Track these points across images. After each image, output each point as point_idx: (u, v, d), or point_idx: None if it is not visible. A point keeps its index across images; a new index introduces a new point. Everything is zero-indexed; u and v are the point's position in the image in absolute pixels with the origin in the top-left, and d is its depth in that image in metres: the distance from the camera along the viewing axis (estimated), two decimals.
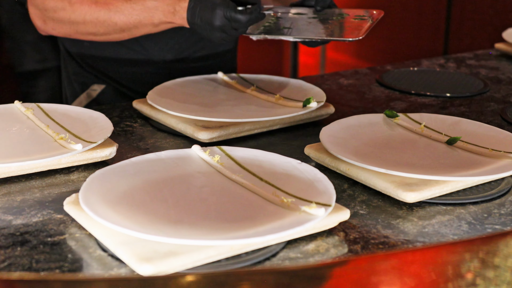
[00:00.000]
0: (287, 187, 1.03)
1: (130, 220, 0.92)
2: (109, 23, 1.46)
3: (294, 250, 0.94)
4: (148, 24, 1.45)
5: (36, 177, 1.14)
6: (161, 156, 1.12)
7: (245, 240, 0.87)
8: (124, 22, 1.45)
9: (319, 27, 1.45)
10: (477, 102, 1.59)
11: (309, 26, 1.45)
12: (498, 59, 1.97)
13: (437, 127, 1.29)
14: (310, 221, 0.92)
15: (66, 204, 0.99)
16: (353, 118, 1.32)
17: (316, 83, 1.59)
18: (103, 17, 1.45)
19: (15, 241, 0.94)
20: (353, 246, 0.95)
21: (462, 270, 0.65)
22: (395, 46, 3.77)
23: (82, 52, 1.68)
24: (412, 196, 1.04)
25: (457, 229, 1.00)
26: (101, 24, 1.46)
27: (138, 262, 0.85)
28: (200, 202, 1.00)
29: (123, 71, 1.67)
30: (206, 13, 1.35)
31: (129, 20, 1.44)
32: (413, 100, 1.60)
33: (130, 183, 1.03)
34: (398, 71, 1.82)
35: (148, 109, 1.39)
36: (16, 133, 1.23)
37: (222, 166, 1.09)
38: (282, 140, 1.33)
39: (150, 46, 1.64)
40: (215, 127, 1.29)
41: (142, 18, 1.44)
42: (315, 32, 1.43)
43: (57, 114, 1.31)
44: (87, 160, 1.17)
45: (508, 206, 1.08)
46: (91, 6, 1.45)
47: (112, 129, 1.22)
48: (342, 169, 1.14)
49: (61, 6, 1.47)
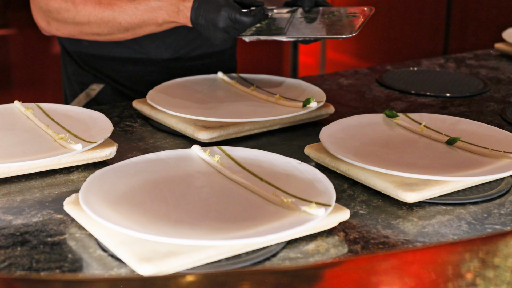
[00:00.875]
0: (287, 187, 1.03)
1: (130, 220, 0.92)
2: (113, 23, 1.46)
3: (294, 250, 0.94)
4: (152, 24, 1.45)
5: (36, 177, 1.14)
6: (161, 156, 1.12)
7: (245, 240, 0.87)
8: (128, 22, 1.45)
9: (311, 26, 1.45)
10: (477, 102, 1.59)
11: (301, 25, 1.45)
12: (498, 59, 1.97)
13: (437, 127, 1.29)
14: (310, 221, 0.92)
15: (66, 204, 0.99)
16: (353, 118, 1.32)
17: (316, 83, 1.59)
18: (108, 18, 1.45)
19: (15, 241, 0.94)
20: (353, 246, 0.95)
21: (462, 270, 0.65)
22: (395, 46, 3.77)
23: (81, 51, 1.68)
24: (412, 196, 1.04)
25: (457, 229, 1.00)
26: (105, 25, 1.46)
27: (138, 262, 0.85)
28: (200, 202, 1.00)
29: (121, 70, 1.67)
30: (210, 14, 1.35)
31: (133, 20, 1.45)
32: (413, 100, 1.60)
33: (130, 183, 1.03)
34: (398, 71, 1.82)
35: (148, 109, 1.39)
36: (16, 133, 1.23)
37: (222, 166, 1.09)
38: (282, 140, 1.33)
39: (147, 44, 1.64)
40: (215, 127, 1.29)
41: (146, 18, 1.44)
42: (307, 30, 1.43)
43: (57, 114, 1.31)
44: (87, 160, 1.17)
45: (508, 206, 1.08)
46: (95, 6, 1.46)
47: (112, 129, 1.22)
48: (342, 169, 1.14)
49: (65, 7, 1.47)
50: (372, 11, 1.47)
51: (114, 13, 1.45)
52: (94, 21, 1.46)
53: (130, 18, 1.45)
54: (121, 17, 1.45)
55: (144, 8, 1.44)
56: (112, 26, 1.46)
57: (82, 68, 1.70)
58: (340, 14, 1.49)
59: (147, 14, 1.44)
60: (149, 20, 1.44)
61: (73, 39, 1.65)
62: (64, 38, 1.69)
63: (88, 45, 1.66)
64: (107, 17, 1.45)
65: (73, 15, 1.47)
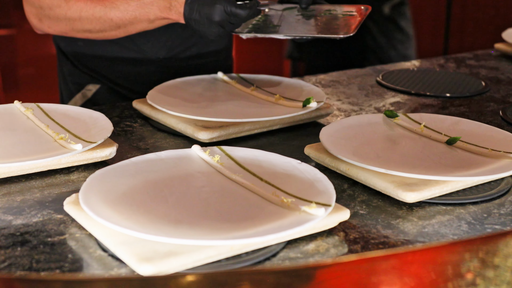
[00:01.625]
0: (287, 187, 1.03)
1: (130, 220, 0.92)
2: (104, 19, 1.46)
3: (294, 250, 0.94)
4: (144, 20, 1.44)
5: (36, 177, 1.14)
6: (161, 156, 1.12)
7: (245, 240, 0.87)
8: (119, 18, 1.45)
9: (308, 24, 1.45)
10: (477, 102, 1.59)
11: (298, 23, 1.45)
12: (498, 59, 1.97)
13: (437, 127, 1.29)
14: (310, 221, 0.92)
15: (66, 204, 0.99)
16: (353, 118, 1.32)
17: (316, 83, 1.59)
18: (99, 13, 1.45)
19: (15, 241, 0.94)
20: (353, 246, 0.95)
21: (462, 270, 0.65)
22: None
23: (76, 51, 1.68)
24: (412, 196, 1.04)
25: (457, 229, 1.00)
26: (96, 21, 1.46)
27: (138, 262, 0.85)
28: (200, 202, 1.00)
29: (117, 69, 1.67)
30: (205, 7, 1.34)
31: (124, 16, 1.44)
32: (413, 100, 1.60)
33: (130, 183, 1.03)
34: (398, 71, 1.82)
35: (148, 109, 1.39)
36: (16, 133, 1.23)
37: (222, 166, 1.10)
38: (282, 140, 1.33)
39: (142, 43, 1.64)
40: (215, 127, 1.29)
41: (138, 14, 1.44)
42: (304, 29, 1.43)
43: (57, 114, 1.31)
44: (87, 160, 1.17)
45: (508, 206, 1.08)
46: (87, 2, 1.46)
47: (112, 129, 1.22)
48: (342, 169, 1.14)
49: (56, 3, 1.47)
50: (368, 10, 1.47)
51: (105, 8, 1.45)
52: (86, 17, 1.46)
53: (122, 14, 1.45)
54: (113, 13, 1.45)
55: (136, 4, 1.43)
56: (104, 22, 1.46)
57: (77, 69, 1.70)
58: (337, 13, 1.49)
59: (138, 10, 1.43)
60: (140, 16, 1.44)
61: (68, 39, 1.65)
62: (59, 38, 1.69)
63: (83, 45, 1.66)
64: (99, 12, 1.45)
65: (64, 11, 1.47)
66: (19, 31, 3.15)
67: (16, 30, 3.16)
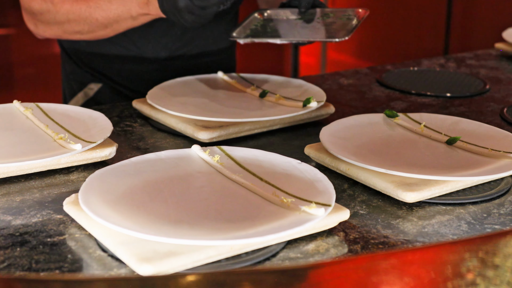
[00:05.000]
0: (287, 187, 1.03)
1: (130, 220, 0.92)
2: (91, 20, 1.46)
3: (294, 250, 0.93)
4: (127, 18, 1.45)
5: (36, 177, 1.14)
6: (161, 156, 1.12)
7: (245, 240, 0.87)
8: (104, 18, 1.45)
9: (305, 28, 1.45)
10: (477, 102, 1.59)
11: (296, 27, 1.45)
12: (498, 59, 1.97)
13: (437, 127, 1.29)
14: (310, 221, 0.92)
15: (66, 204, 0.99)
16: (353, 118, 1.32)
17: (316, 83, 1.58)
18: (84, 14, 1.46)
19: (14, 241, 0.94)
20: (353, 246, 0.95)
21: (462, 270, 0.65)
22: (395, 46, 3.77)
23: (79, 50, 1.68)
24: (412, 196, 1.04)
25: (456, 229, 1.00)
26: (84, 21, 1.47)
27: (138, 262, 0.85)
28: (200, 202, 1.00)
29: (119, 68, 1.68)
30: None
31: (108, 15, 1.45)
32: (413, 100, 1.60)
33: (130, 183, 1.03)
34: (398, 71, 1.82)
35: (148, 109, 1.39)
36: (15, 133, 1.23)
37: (222, 166, 1.09)
38: (282, 140, 1.33)
39: (143, 44, 1.64)
40: (215, 127, 1.29)
41: (120, 12, 1.44)
42: (302, 33, 1.43)
43: (56, 114, 1.31)
44: (87, 160, 1.17)
45: (508, 206, 1.08)
46: (72, 4, 1.46)
47: (112, 129, 1.22)
48: (342, 169, 1.14)
49: (46, 8, 1.48)
50: (366, 13, 1.47)
51: (90, 9, 1.46)
52: (73, 19, 1.47)
53: (106, 13, 1.45)
54: (97, 13, 1.46)
55: (117, 2, 1.44)
56: (91, 22, 1.47)
57: (80, 68, 1.70)
58: (335, 16, 1.49)
59: (120, 8, 1.44)
60: (123, 13, 1.44)
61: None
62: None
63: (85, 44, 1.66)
64: (84, 13, 1.46)
65: (53, 15, 1.48)
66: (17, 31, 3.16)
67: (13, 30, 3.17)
